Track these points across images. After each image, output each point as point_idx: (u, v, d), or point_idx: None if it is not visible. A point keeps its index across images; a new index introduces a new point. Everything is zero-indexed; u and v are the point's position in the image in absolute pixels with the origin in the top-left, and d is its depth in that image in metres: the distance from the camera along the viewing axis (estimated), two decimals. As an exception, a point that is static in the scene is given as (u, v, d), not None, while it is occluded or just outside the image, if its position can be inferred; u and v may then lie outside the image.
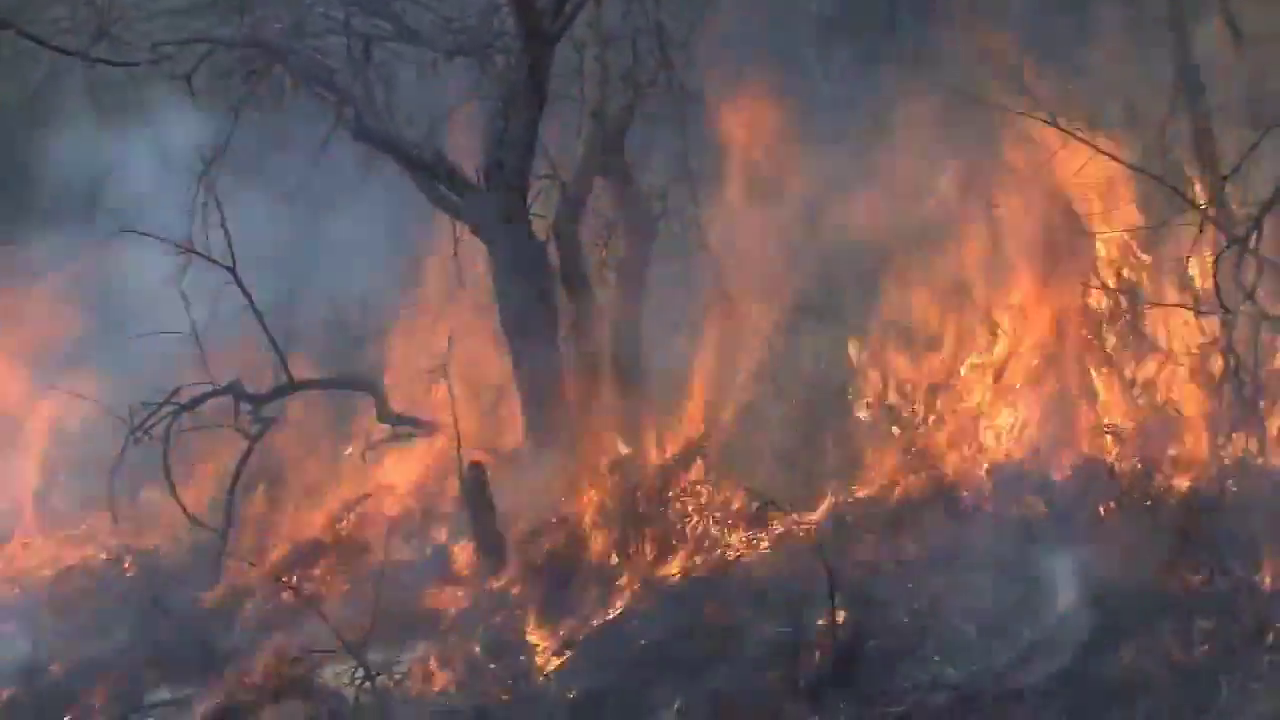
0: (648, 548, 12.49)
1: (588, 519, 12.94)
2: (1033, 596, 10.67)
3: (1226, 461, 11.29)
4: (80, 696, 12.55)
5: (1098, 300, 12.55)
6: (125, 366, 14.82)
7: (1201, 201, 11.46)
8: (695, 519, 12.61)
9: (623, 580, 12.27)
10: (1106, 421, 11.99)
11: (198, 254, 14.18)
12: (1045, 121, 11.81)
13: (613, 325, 14.55)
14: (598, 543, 12.76)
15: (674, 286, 14.95)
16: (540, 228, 14.21)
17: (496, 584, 12.86)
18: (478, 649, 12.01)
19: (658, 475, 13.25)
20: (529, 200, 14.04)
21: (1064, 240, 12.64)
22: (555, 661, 11.68)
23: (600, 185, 14.83)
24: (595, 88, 14.41)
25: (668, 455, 13.75)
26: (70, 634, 13.57)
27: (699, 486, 13.06)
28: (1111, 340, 12.43)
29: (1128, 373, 12.22)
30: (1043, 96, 12.25)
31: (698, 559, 12.25)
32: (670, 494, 12.96)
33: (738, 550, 12.25)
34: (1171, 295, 11.79)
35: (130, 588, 14.44)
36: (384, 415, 14.51)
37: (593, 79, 14.40)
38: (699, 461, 13.46)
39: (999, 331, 13.00)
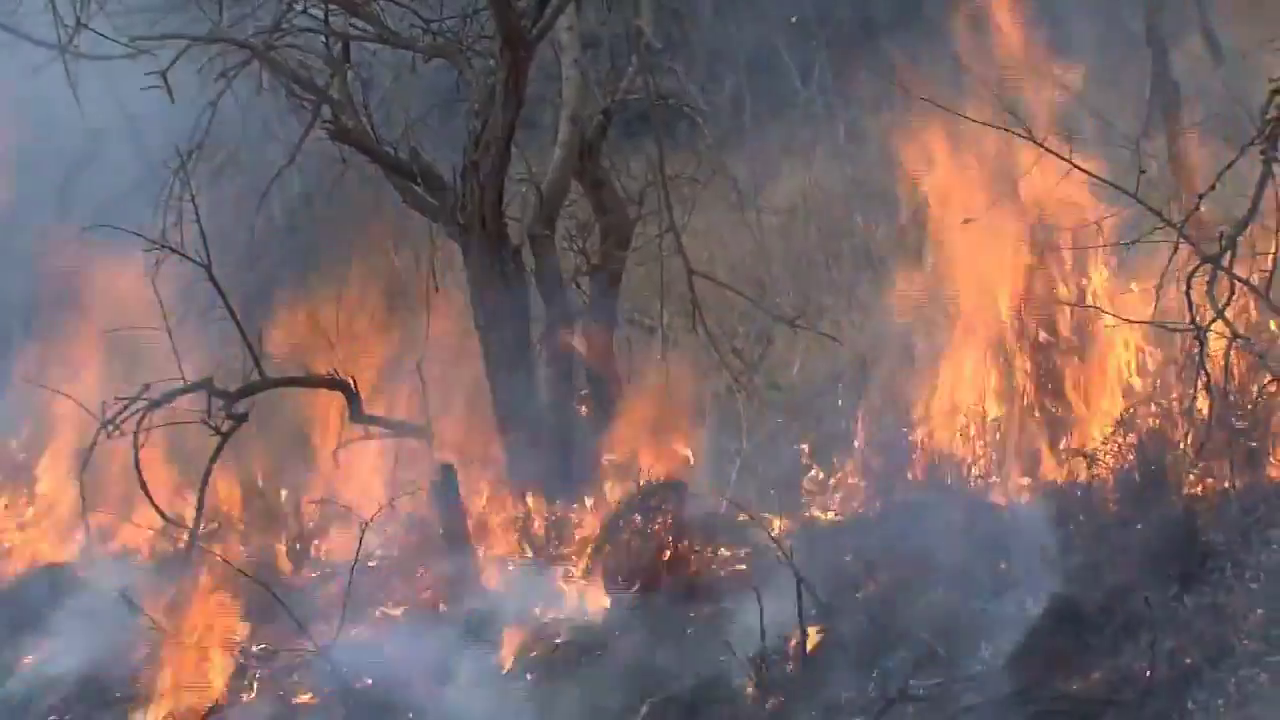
0: (623, 557, 12.48)
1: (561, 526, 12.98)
2: (1000, 611, 10.75)
3: (1196, 480, 11.32)
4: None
5: (1069, 316, 12.57)
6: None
7: (1176, 219, 11.42)
8: (671, 529, 12.61)
9: (595, 589, 12.29)
10: (1075, 442, 12.03)
11: (172, 249, 14.11)
12: (1021, 135, 11.79)
13: (587, 330, 14.56)
14: (570, 550, 12.78)
15: (649, 292, 14.99)
16: (515, 231, 14.22)
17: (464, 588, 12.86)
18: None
19: (632, 484, 13.25)
20: (504, 203, 14.05)
21: (1036, 255, 12.65)
22: (522, 665, 11.69)
23: (576, 189, 14.84)
24: (573, 92, 14.42)
25: (642, 464, 13.74)
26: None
27: (675, 495, 13.05)
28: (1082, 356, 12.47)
29: (1097, 390, 12.25)
30: (1019, 110, 12.24)
31: (673, 569, 12.27)
32: (648, 501, 12.96)
33: (713, 561, 12.26)
34: (1144, 313, 11.75)
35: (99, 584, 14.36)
36: (357, 415, 14.48)
37: (571, 83, 14.42)
38: (676, 470, 13.46)
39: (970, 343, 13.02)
